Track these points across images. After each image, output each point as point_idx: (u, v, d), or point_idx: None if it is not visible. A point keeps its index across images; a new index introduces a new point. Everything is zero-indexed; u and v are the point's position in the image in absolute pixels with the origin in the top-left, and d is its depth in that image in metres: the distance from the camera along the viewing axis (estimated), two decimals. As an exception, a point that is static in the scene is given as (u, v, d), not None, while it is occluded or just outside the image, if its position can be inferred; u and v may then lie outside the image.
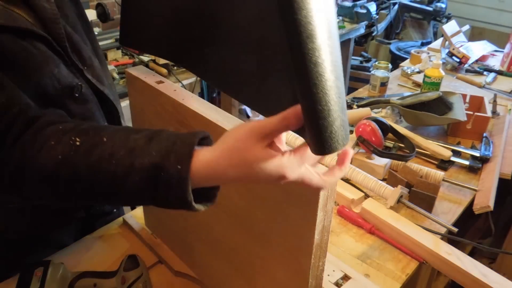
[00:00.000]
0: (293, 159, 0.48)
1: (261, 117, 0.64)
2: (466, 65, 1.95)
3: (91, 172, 0.55)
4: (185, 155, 0.51)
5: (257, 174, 0.48)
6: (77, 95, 0.78)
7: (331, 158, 1.15)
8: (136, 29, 0.77)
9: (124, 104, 0.94)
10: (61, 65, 0.76)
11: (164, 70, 1.94)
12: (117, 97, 0.94)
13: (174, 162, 0.51)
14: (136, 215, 1.04)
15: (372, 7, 2.83)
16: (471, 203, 1.13)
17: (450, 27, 2.13)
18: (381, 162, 1.20)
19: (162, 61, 1.98)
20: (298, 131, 0.50)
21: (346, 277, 0.87)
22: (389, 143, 1.32)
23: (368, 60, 3.44)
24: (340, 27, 2.66)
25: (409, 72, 1.90)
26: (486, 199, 1.08)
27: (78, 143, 0.57)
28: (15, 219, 0.86)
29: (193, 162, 0.50)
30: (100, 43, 1.89)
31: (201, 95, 2.31)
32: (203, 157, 0.50)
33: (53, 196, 0.61)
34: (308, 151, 0.48)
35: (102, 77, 0.86)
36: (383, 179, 1.18)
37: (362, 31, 2.89)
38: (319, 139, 0.45)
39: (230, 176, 0.49)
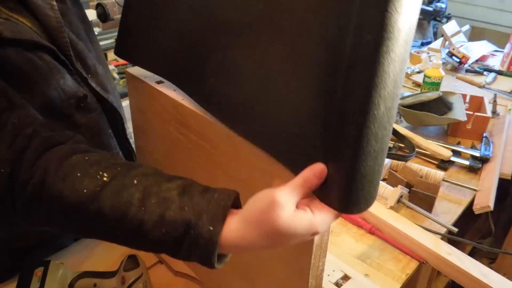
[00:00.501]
0: (323, 216, 0.47)
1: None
2: (466, 65, 1.95)
3: (117, 214, 0.53)
4: (219, 217, 0.49)
5: (289, 240, 0.47)
6: (82, 105, 0.77)
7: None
8: (134, 42, 0.75)
9: (125, 104, 0.94)
10: (66, 74, 0.75)
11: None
12: (119, 101, 0.93)
13: (207, 222, 0.49)
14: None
15: (372, 7, 2.82)
16: (471, 203, 1.13)
17: (450, 27, 2.13)
18: (381, 162, 1.20)
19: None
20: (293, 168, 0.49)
21: (346, 277, 0.87)
22: (389, 143, 1.32)
23: (368, 60, 3.44)
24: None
25: (409, 72, 1.90)
26: (486, 199, 1.08)
27: (105, 179, 0.55)
28: (21, 231, 0.85)
29: (225, 227, 0.49)
30: (100, 43, 1.89)
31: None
32: (234, 224, 0.49)
33: (68, 228, 0.58)
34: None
35: (106, 84, 0.85)
36: (383, 179, 1.18)
37: (362, 31, 2.89)
38: (350, 201, 0.44)
39: (258, 245, 0.48)
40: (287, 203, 0.46)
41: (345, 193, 0.44)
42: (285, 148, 0.52)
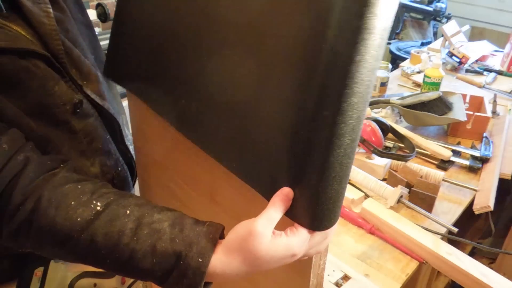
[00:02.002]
0: (297, 238, 0.51)
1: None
2: (466, 65, 1.95)
3: (110, 242, 0.55)
4: (208, 249, 0.53)
5: (269, 265, 0.51)
6: (78, 110, 0.78)
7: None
8: (121, 64, 0.76)
9: (125, 103, 0.94)
10: (61, 81, 0.75)
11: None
12: (119, 108, 0.93)
13: (196, 254, 0.53)
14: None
15: (372, 7, 2.82)
16: (471, 203, 1.13)
17: (450, 27, 2.13)
18: (381, 162, 1.20)
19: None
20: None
21: (346, 277, 0.87)
22: (389, 143, 1.32)
23: (368, 60, 3.43)
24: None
25: (409, 72, 1.90)
26: (486, 199, 1.08)
27: (99, 208, 0.57)
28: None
29: (212, 258, 0.53)
30: (100, 43, 1.89)
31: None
32: (219, 254, 0.53)
33: (58, 254, 0.60)
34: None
35: (103, 90, 0.85)
36: (383, 179, 1.18)
37: (362, 31, 2.88)
38: (318, 219, 0.50)
39: (241, 273, 0.52)
40: (264, 231, 0.50)
41: (314, 214, 0.49)
42: (255, 173, 0.56)
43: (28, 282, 0.79)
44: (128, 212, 0.57)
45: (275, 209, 0.51)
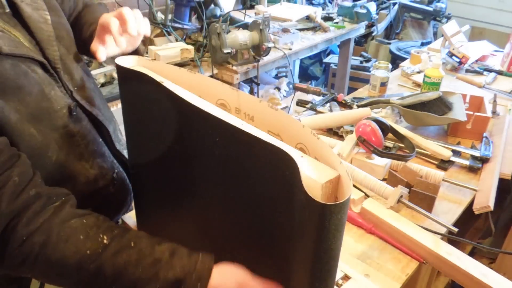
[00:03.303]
0: None
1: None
2: (466, 65, 1.95)
3: (116, 272, 0.62)
4: (205, 275, 0.62)
5: None
6: (74, 114, 0.80)
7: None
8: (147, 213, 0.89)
9: (113, 108, 0.95)
10: (55, 86, 0.76)
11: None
12: (109, 114, 0.94)
13: (195, 280, 0.62)
14: (134, 216, 1.04)
15: (372, 7, 2.82)
16: (471, 203, 1.13)
17: (450, 27, 2.13)
18: (381, 162, 1.20)
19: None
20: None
21: (346, 277, 0.87)
22: (389, 143, 1.32)
23: (368, 60, 3.44)
24: (340, 27, 2.66)
25: (409, 72, 1.90)
26: (486, 199, 1.08)
27: (106, 241, 0.64)
28: None
29: (209, 283, 0.62)
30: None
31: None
32: (215, 280, 0.63)
33: (64, 284, 0.66)
34: None
35: (93, 98, 0.86)
36: (383, 179, 1.18)
37: (362, 31, 2.89)
38: None
39: None
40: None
41: None
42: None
43: (28, 282, 0.79)
44: (132, 244, 0.64)
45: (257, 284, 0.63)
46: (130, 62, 0.72)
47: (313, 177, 0.51)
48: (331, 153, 0.55)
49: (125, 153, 0.94)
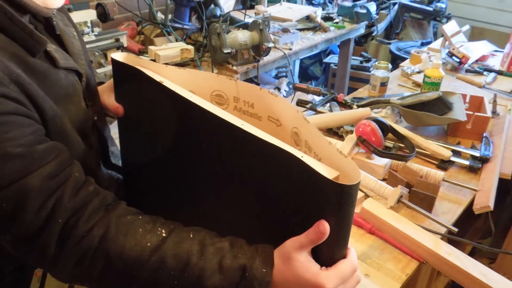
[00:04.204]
0: (329, 273, 0.58)
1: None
2: (466, 65, 1.95)
3: (180, 263, 0.60)
4: (269, 260, 0.59)
5: (298, 279, 0.58)
6: (96, 126, 0.83)
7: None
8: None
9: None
10: (82, 99, 0.79)
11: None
12: (108, 131, 0.96)
13: (260, 265, 0.59)
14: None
15: (372, 7, 2.82)
16: (471, 203, 1.13)
17: (450, 27, 2.13)
18: (381, 162, 1.20)
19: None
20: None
21: (346, 277, 0.87)
22: (389, 143, 1.32)
23: (368, 60, 3.44)
24: (340, 27, 2.66)
25: (409, 72, 1.90)
26: (486, 199, 1.08)
27: (164, 234, 0.63)
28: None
29: (274, 268, 0.59)
30: (100, 43, 1.90)
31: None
32: (279, 265, 0.59)
33: (119, 282, 0.63)
34: (344, 265, 0.59)
35: (101, 114, 0.88)
36: (383, 179, 1.18)
37: (362, 31, 2.89)
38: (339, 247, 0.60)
39: (288, 283, 0.59)
40: (298, 246, 0.59)
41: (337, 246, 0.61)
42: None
43: (28, 282, 0.79)
44: (191, 235, 0.63)
45: (306, 234, 0.57)
46: (125, 59, 0.72)
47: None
48: (319, 136, 0.59)
49: (120, 163, 0.95)
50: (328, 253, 0.59)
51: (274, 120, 0.67)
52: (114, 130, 0.94)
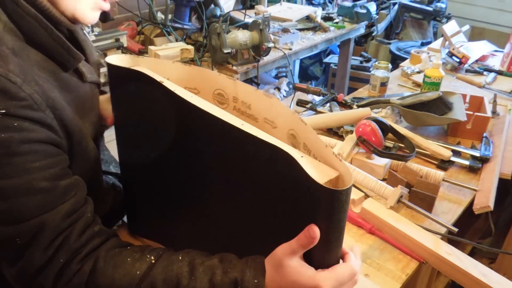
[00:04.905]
0: (326, 274, 0.58)
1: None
2: (466, 65, 1.95)
3: (170, 286, 0.60)
4: (260, 270, 0.59)
5: (293, 284, 0.58)
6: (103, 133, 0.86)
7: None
8: (141, 222, 0.87)
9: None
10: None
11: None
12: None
13: (252, 276, 0.59)
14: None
15: (372, 7, 2.82)
16: (471, 203, 1.13)
17: (450, 27, 2.13)
18: (381, 162, 1.20)
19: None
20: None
21: (346, 277, 0.87)
22: (389, 143, 1.32)
23: (368, 60, 3.44)
24: (340, 27, 2.66)
25: (409, 72, 1.90)
26: (486, 199, 1.08)
27: (153, 260, 0.63)
28: None
29: (266, 278, 0.59)
30: (100, 43, 1.90)
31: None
32: (270, 275, 0.59)
33: None
34: (341, 268, 0.59)
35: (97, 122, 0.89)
36: (383, 179, 1.18)
37: (362, 31, 2.89)
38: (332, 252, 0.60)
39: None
40: (289, 251, 0.58)
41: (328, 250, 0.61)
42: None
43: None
44: (180, 258, 0.63)
45: (296, 239, 0.57)
46: (122, 61, 0.72)
47: (313, 177, 0.52)
48: (316, 137, 0.58)
49: (110, 168, 0.95)
50: (320, 258, 0.59)
51: (269, 122, 0.67)
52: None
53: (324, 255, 0.59)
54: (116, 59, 0.71)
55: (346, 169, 0.54)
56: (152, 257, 0.63)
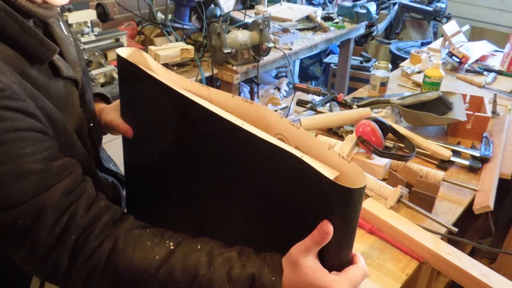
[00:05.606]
0: (340, 278, 0.58)
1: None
2: (466, 65, 1.95)
3: (188, 274, 0.60)
4: (278, 268, 0.59)
5: (309, 285, 0.57)
6: (92, 133, 0.82)
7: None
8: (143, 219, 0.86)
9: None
10: (79, 106, 0.79)
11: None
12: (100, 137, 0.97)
13: (269, 274, 0.58)
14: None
15: (372, 7, 2.83)
16: (471, 203, 1.13)
17: (450, 27, 2.13)
18: (381, 162, 1.20)
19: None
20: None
21: (346, 277, 0.87)
22: (389, 143, 1.32)
23: (368, 60, 3.44)
24: (340, 27, 2.66)
25: (409, 72, 1.90)
26: (486, 199, 1.08)
27: (172, 247, 0.62)
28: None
29: (283, 276, 0.58)
30: (100, 43, 1.90)
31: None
32: (288, 273, 0.58)
33: None
34: (354, 271, 0.59)
35: (95, 119, 0.88)
36: (383, 179, 1.18)
37: (362, 31, 2.89)
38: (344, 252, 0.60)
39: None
40: (303, 249, 0.57)
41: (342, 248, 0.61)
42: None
43: (28, 283, 0.79)
44: (199, 246, 0.63)
45: (311, 236, 0.56)
46: (131, 54, 0.72)
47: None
48: (314, 140, 0.58)
49: (111, 166, 0.95)
50: (333, 257, 0.59)
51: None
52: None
53: (336, 255, 0.59)
54: (126, 51, 0.71)
55: (357, 169, 0.53)
56: (172, 244, 0.63)
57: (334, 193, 0.52)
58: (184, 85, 0.68)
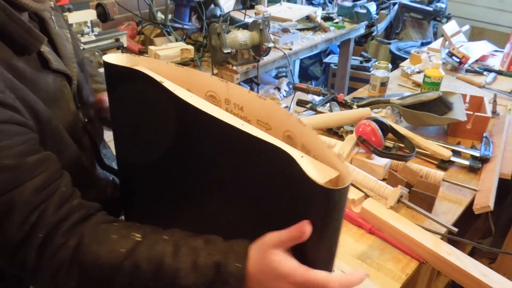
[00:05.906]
0: (300, 268, 0.57)
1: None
2: (466, 65, 1.95)
3: (153, 265, 0.60)
4: (243, 254, 0.59)
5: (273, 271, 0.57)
6: (88, 128, 0.83)
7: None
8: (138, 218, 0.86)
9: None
10: (73, 102, 0.79)
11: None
12: (100, 132, 0.96)
13: (234, 261, 0.58)
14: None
15: (372, 7, 2.82)
16: (471, 203, 1.13)
17: (450, 27, 2.13)
18: (381, 162, 1.20)
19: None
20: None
21: (346, 277, 0.87)
22: (389, 143, 1.32)
23: (368, 60, 3.44)
24: (340, 27, 2.66)
25: (409, 72, 1.90)
26: (486, 199, 1.08)
27: (138, 238, 0.62)
28: None
29: (248, 262, 0.58)
30: (100, 43, 1.90)
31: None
32: (254, 259, 0.59)
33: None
34: (324, 274, 0.57)
35: (92, 115, 0.88)
36: (383, 179, 1.18)
37: (362, 31, 2.89)
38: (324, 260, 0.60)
39: (264, 276, 0.58)
40: (275, 242, 0.58)
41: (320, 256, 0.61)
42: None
43: (28, 283, 0.79)
44: (165, 237, 0.63)
45: (285, 231, 0.57)
46: (119, 60, 0.71)
47: (314, 177, 0.52)
48: (317, 138, 0.58)
49: (113, 164, 0.95)
50: (313, 254, 0.59)
51: (263, 124, 0.67)
52: (106, 134, 0.95)
53: (315, 253, 0.59)
54: (114, 58, 0.70)
55: (346, 169, 0.54)
56: (138, 235, 0.63)
57: (315, 192, 0.53)
58: (204, 79, 0.69)
